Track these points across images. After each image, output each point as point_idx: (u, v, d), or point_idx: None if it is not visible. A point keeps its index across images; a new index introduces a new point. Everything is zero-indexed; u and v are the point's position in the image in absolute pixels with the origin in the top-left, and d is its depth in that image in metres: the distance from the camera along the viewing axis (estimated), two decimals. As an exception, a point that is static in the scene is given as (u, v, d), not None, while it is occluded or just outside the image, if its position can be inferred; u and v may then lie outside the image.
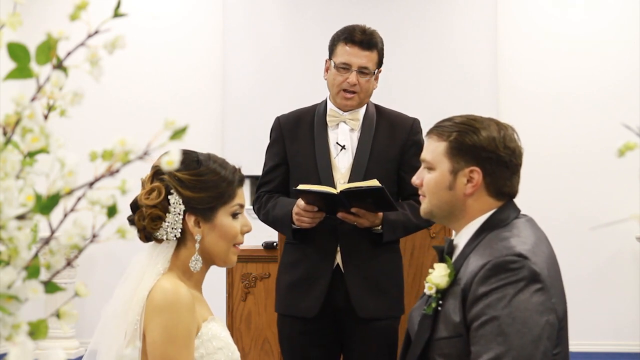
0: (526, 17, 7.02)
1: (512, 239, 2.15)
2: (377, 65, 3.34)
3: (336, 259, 3.28)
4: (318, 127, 3.36)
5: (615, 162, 5.19)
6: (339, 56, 3.32)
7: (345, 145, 3.33)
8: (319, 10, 7.05)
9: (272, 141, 3.45)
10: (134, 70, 7.10)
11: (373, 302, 3.26)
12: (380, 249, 3.29)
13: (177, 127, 1.01)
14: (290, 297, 3.33)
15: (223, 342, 2.20)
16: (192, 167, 2.22)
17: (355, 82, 3.29)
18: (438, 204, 2.26)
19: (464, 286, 2.13)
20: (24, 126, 1.03)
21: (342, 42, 3.32)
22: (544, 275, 2.10)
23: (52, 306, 6.30)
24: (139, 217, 2.21)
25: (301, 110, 3.47)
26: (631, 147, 1.17)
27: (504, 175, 2.22)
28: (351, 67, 3.30)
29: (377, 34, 3.37)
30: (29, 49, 1.05)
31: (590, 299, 6.71)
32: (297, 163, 3.36)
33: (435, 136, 2.27)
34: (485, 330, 2.06)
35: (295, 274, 3.32)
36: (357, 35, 3.31)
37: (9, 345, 0.97)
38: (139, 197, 2.22)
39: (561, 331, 2.14)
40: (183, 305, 2.12)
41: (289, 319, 3.33)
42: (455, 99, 6.82)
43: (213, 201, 2.22)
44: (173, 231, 2.21)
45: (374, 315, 3.26)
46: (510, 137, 2.24)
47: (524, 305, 2.06)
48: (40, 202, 1.01)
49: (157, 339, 2.10)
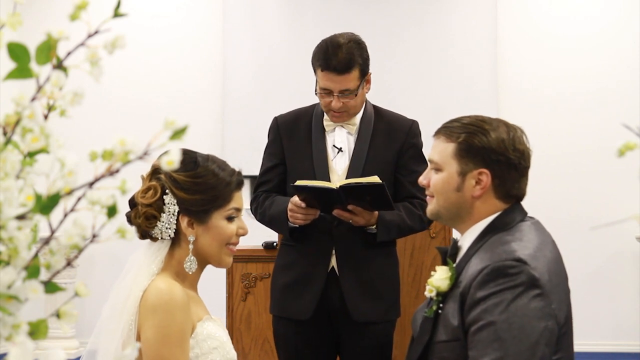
0: (526, 17, 7.02)
1: (514, 243, 2.13)
2: (360, 80, 3.23)
3: (331, 261, 3.26)
4: (315, 129, 3.34)
5: (615, 162, 5.18)
6: (319, 80, 3.25)
7: (342, 147, 3.31)
8: (319, 11, 7.05)
9: (269, 141, 3.43)
10: (134, 70, 7.10)
11: (368, 305, 3.23)
12: (376, 251, 3.26)
13: (177, 127, 1.01)
14: (284, 298, 3.32)
15: (218, 341, 2.20)
16: (189, 168, 2.21)
17: (339, 105, 3.23)
18: (445, 205, 2.24)
19: (462, 290, 2.12)
20: (24, 126, 1.03)
21: (318, 67, 3.23)
22: (544, 280, 2.08)
23: (52, 306, 6.30)
24: (135, 214, 2.21)
25: (299, 111, 3.44)
26: (631, 147, 1.17)
27: (513, 177, 2.20)
28: (332, 91, 3.22)
29: (355, 47, 3.22)
30: (29, 49, 1.05)
31: (590, 299, 6.71)
32: (294, 164, 3.34)
33: (444, 137, 2.24)
34: (482, 335, 2.05)
35: (290, 275, 3.30)
36: (333, 61, 3.18)
37: (9, 345, 0.97)
38: (135, 194, 2.22)
39: (563, 337, 2.12)
40: (177, 305, 2.12)
41: (283, 321, 3.33)
42: (455, 99, 6.82)
43: (207, 204, 2.21)
44: (167, 231, 2.21)
45: (369, 319, 3.24)
46: (519, 139, 2.22)
47: (521, 310, 2.04)
48: (40, 202, 1.01)
49: (151, 338, 2.10)
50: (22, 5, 3.54)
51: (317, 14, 7.04)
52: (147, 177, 2.24)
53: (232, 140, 7.08)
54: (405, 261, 3.82)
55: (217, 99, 7.15)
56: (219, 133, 7.11)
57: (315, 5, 7.06)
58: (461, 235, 2.26)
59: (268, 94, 7.05)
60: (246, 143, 7.00)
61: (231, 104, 7.11)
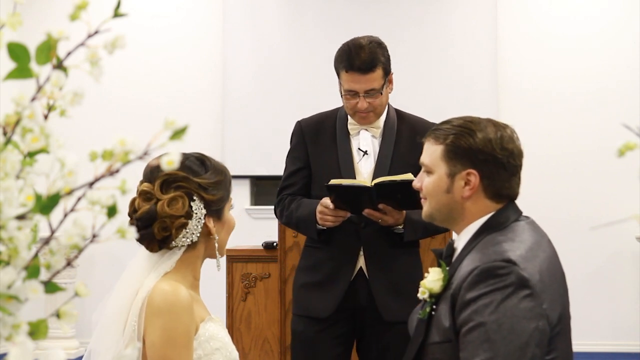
0: (526, 17, 7.02)
1: (505, 244, 2.13)
2: (384, 79, 3.28)
3: (359, 262, 3.30)
4: (340, 133, 3.38)
5: (615, 162, 5.18)
6: (343, 82, 3.29)
7: (367, 150, 3.35)
8: (319, 11, 7.05)
9: (293, 145, 3.45)
10: (134, 70, 7.11)
11: (397, 305, 3.26)
12: (401, 250, 3.31)
13: (177, 127, 1.01)
14: (307, 297, 3.34)
15: (220, 342, 2.20)
16: (203, 170, 2.25)
17: (365, 106, 3.27)
18: (437, 206, 2.26)
19: (453, 291, 2.12)
20: (24, 126, 1.03)
21: (342, 69, 3.27)
22: (534, 281, 2.07)
23: (52, 306, 6.31)
24: (160, 228, 2.18)
25: (322, 114, 3.48)
26: (631, 147, 1.17)
27: (502, 177, 2.20)
28: (357, 92, 3.26)
29: (377, 47, 3.28)
30: (29, 49, 1.05)
31: (590, 299, 6.71)
32: (320, 168, 3.37)
33: (432, 139, 2.26)
34: (472, 336, 2.05)
35: (316, 276, 3.33)
36: (356, 61, 3.23)
37: (9, 345, 0.97)
38: (159, 208, 2.18)
39: (556, 336, 2.11)
40: (182, 307, 2.13)
41: (304, 319, 3.34)
42: (455, 99, 6.82)
43: (224, 200, 2.28)
44: (191, 236, 2.22)
45: (398, 318, 3.22)
46: (508, 137, 2.22)
47: (511, 311, 2.04)
48: (40, 202, 1.01)
49: (157, 341, 2.11)
50: (22, 5, 3.54)
51: (317, 14, 7.05)
52: (157, 189, 2.21)
53: (232, 140, 7.08)
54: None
55: (217, 99, 7.16)
56: (219, 133, 7.11)
57: (315, 5, 7.06)
58: (457, 236, 2.27)
59: (268, 94, 7.05)
60: (246, 143, 7.00)
61: (231, 104, 7.11)
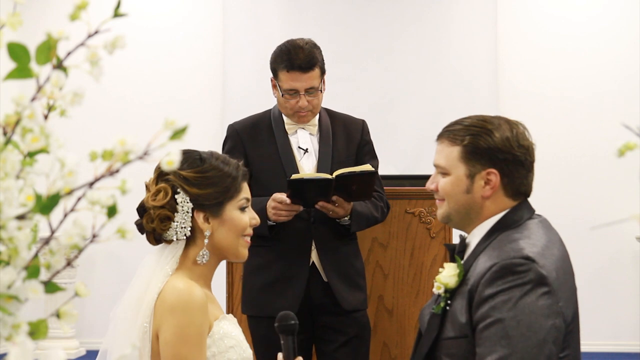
0: (526, 17, 7.02)
1: (522, 241, 2.15)
2: (321, 78, 3.41)
3: (311, 256, 3.38)
4: (278, 132, 3.48)
5: (615, 162, 5.17)
6: (283, 82, 3.40)
7: (307, 148, 3.45)
8: (319, 10, 7.05)
9: (229, 148, 3.54)
10: (134, 70, 7.10)
11: (352, 294, 3.41)
12: (344, 241, 3.43)
13: (177, 127, 1.01)
14: (263, 298, 3.39)
15: (234, 340, 2.21)
16: (195, 164, 2.24)
17: (306, 104, 3.39)
18: (456, 207, 2.25)
19: (471, 287, 2.13)
20: (24, 126, 1.03)
21: (283, 69, 3.38)
22: (552, 278, 2.10)
23: (52, 306, 6.30)
24: (147, 219, 2.21)
25: (254, 117, 3.61)
26: (631, 147, 1.17)
27: (521, 174, 2.22)
28: (298, 91, 3.37)
29: (313, 47, 3.41)
30: (29, 49, 1.05)
31: (590, 299, 6.71)
32: (262, 167, 3.44)
33: (447, 140, 2.25)
34: (490, 332, 2.06)
35: (269, 275, 3.39)
36: (296, 60, 3.35)
37: (9, 345, 0.97)
38: (145, 199, 2.23)
39: (569, 334, 2.14)
40: (196, 305, 2.13)
41: (265, 321, 3.34)
42: (455, 100, 6.81)
43: (220, 196, 2.24)
44: (182, 230, 2.22)
45: (356, 306, 3.42)
46: (522, 134, 2.23)
47: (529, 308, 2.06)
48: (40, 202, 1.01)
49: (170, 339, 2.11)
50: (22, 5, 3.54)
51: (317, 13, 7.04)
52: (152, 182, 2.25)
53: (232, 140, 7.07)
54: (405, 261, 3.82)
55: (217, 99, 7.15)
56: (219, 133, 7.11)
57: (315, 5, 7.06)
58: (468, 234, 2.28)
59: (268, 94, 7.03)
60: (246, 143, 6.99)
61: (231, 104, 7.11)
